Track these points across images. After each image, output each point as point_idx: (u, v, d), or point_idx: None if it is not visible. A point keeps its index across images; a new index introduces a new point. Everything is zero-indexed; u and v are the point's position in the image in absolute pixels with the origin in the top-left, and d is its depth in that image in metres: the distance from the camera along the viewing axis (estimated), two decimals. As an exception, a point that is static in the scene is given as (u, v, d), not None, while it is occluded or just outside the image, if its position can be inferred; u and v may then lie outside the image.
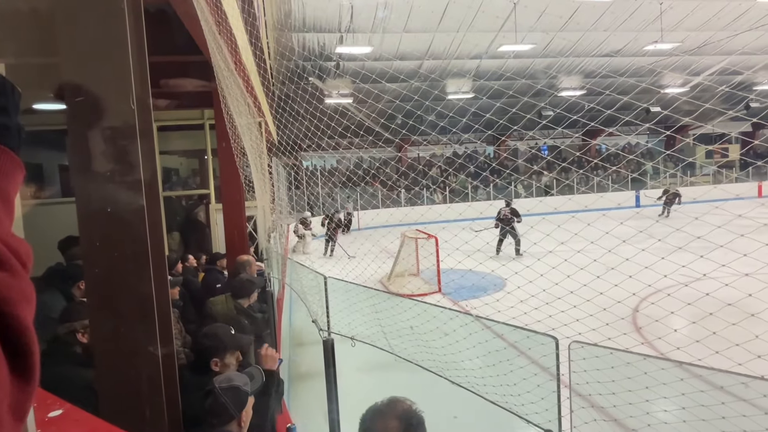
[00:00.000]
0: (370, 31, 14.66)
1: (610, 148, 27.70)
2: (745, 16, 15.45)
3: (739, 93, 21.14)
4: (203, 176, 8.49)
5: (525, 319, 3.31)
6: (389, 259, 11.65)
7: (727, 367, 2.21)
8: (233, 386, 2.05)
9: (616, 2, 13.74)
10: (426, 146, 25.74)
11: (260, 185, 4.89)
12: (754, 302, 2.93)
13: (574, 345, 2.33)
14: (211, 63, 2.93)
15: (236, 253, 5.00)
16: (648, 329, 6.33)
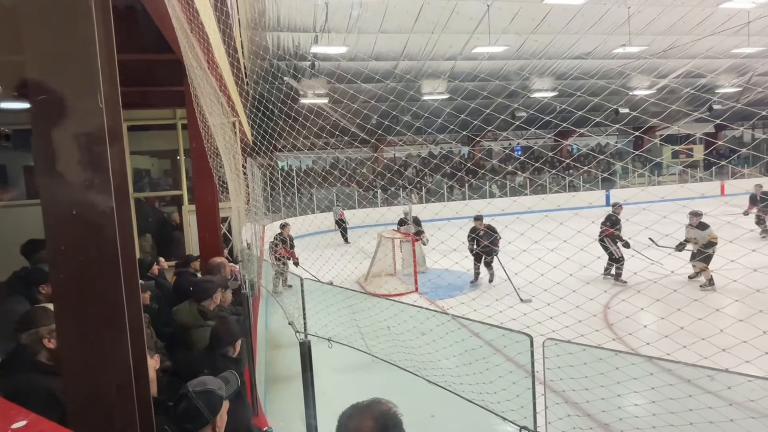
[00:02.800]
0: (345, 31, 14.63)
1: (581, 149, 28.31)
2: (707, 21, 16.00)
3: (702, 95, 21.89)
4: (176, 177, 8.31)
5: (500, 317, 3.35)
6: (366, 259, 11.65)
7: (694, 361, 2.29)
8: (207, 390, 2.02)
9: (586, 6, 14.06)
10: (402, 146, 25.83)
11: (235, 186, 4.82)
12: (719, 297, 3.03)
13: (548, 342, 2.37)
14: (183, 61, 2.87)
15: (210, 255, 4.92)
16: (619, 325, 6.48)
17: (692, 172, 25.37)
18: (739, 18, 15.52)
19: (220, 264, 4.55)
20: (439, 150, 26.57)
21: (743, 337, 2.66)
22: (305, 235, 16.86)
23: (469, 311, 3.73)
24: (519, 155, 27.61)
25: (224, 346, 2.87)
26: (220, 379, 2.17)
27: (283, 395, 5.59)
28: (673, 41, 17.18)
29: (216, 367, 2.60)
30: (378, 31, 14.89)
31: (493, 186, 23.40)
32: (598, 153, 26.18)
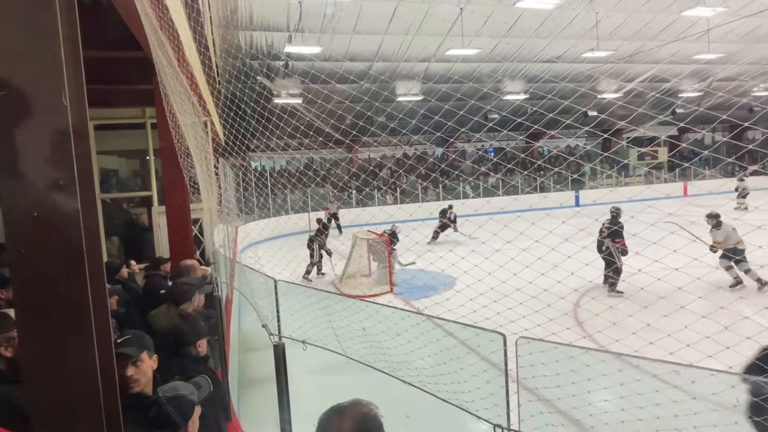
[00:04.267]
0: (319, 31, 14.55)
1: (551, 150, 28.89)
2: (670, 27, 16.56)
3: (667, 99, 22.63)
4: (145, 177, 8.11)
5: (474, 317, 3.38)
6: (341, 260, 11.61)
7: (660, 357, 2.36)
8: (178, 395, 1.97)
9: (557, 11, 14.35)
10: (376, 147, 25.84)
11: (206, 187, 4.73)
12: (683, 295, 3.13)
13: (521, 341, 2.41)
14: (152, 59, 2.80)
15: (180, 258, 4.82)
16: (589, 323, 6.64)
17: (657, 174, 26.19)
18: (700, 25, 16.12)
19: (191, 266, 4.46)
20: (413, 151, 26.70)
21: (706, 333, 2.76)
22: (278, 237, 16.68)
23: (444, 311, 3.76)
24: (492, 157, 27.99)
25: (186, 345, 2.80)
26: (192, 384, 2.13)
27: (257, 399, 5.51)
28: (639, 46, 17.71)
29: (183, 368, 2.54)
30: (352, 32, 14.86)
31: (466, 187, 23.64)
32: (568, 155, 26.77)
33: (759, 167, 24.07)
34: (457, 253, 4.38)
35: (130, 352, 1.99)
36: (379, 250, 10.69)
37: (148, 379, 2.05)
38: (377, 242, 10.68)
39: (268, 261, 10.36)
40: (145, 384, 2.03)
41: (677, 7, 14.68)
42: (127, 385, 1.95)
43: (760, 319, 2.82)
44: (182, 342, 2.79)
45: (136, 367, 2.00)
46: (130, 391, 1.96)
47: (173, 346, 2.81)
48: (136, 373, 1.99)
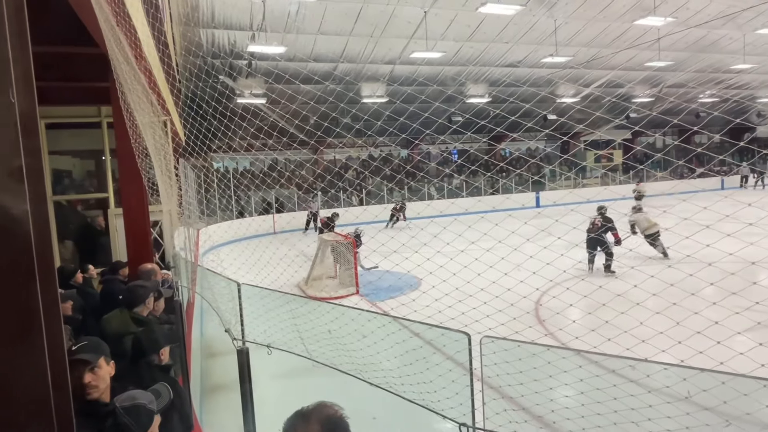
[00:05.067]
0: (283, 31, 14.39)
1: (513, 153, 29.56)
2: (624, 35, 17.25)
3: (622, 103, 23.55)
4: (101, 179, 7.80)
5: (439, 317, 3.42)
6: (306, 262, 11.50)
7: (617, 353, 2.45)
8: (136, 405, 1.91)
9: (518, 16, 14.70)
10: (342, 149, 25.75)
11: (166, 188, 4.59)
12: (639, 292, 3.26)
13: (485, 340, 2.45)
14: (108, 55, 2.70)
15: (139, 262, 4.66)
16: (550, 321, 6.82)
17: (612, 175, 27.20)
18: (651, 34, 16.87)
19: (151, 270, 4.32)
20: (378, 153, 26.77)
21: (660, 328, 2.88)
22: (241, 239, 16.38)
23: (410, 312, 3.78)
24: (456, 159, 28.38)
25: (148, 354, 2.71)
26: (151, 392, 2.06)
27: (221, 405, 5.39)
28: (595, 53, 18.37)
29: (142, 378, 2.46)
30: (317, 32, 14.77)
31: (431, 188, 23.88)
32: (529, 157, 27.44)
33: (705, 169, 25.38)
34: (422, 254, 4.41)
35: (87, 358, 1.93)
36: (344, 252, 10.65)
37: (106, 385, 2.00)
38: (342, 244, 10.63)
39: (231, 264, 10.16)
40: (103, 391, 1.97)
41: (630, 16, 15.31)
42: (84, 392, 1.89)
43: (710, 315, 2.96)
44: (143, 350, 2.70)
45: (94, 374, 1.94)
46: (87, 397, 1.90)
47: (133, 353, 2.71)
48: (94, 379, 1.93)
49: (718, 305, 3.07)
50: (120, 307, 3.46)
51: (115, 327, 3.33)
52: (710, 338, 2.77)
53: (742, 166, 27.34)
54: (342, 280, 10.79)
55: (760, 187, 25.55)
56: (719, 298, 3.14)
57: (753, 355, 2.62)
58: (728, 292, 3.19)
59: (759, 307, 3.06)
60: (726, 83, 24.03)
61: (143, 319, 3.41)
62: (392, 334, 3.35)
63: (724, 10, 15.24)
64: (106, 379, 1.99)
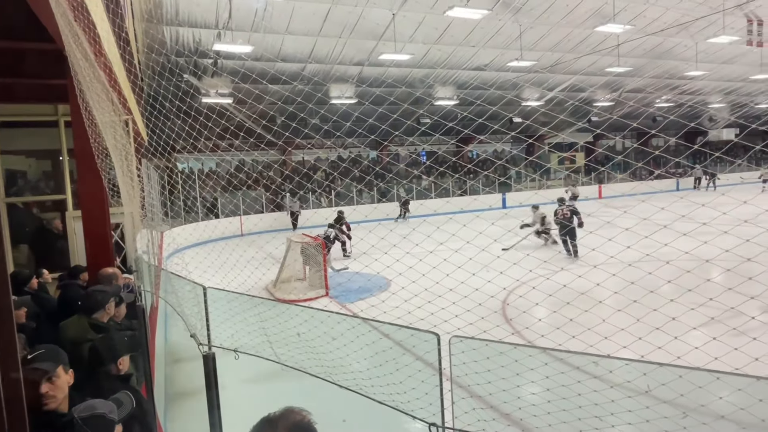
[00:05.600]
0: (250, 30, 14.18)
1: (480, 154, 30.03)
2: (586, 41, 17.79)
3: (584, 107, 24.27)
4: (58, 180, 7.48)
5: (409, 318, 3.44)
6: (274, 265, 11.36)
7: (581, 350, 2.52)
8: (96, 415, 1.84)
9: (484, 20, 14.95)
10: (310, 150, 25.56)
11: (127, 189, 4.45)
12: (601, 291, 3.37)
13: (454, 339, 2.47)
14: (65, 52, 2.59)
15: (99, 266, 4.50)
16: (517, 320, 6.95)
17: (575, 177, 27.99)
18: (611, 40, 17.47)
19: (111, 275, 4.18)
20: (348, 154, 26.69)
21: (621, 325, 2.98)
22: (207, 242, 16.05)
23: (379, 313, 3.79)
24: (424, 160, 28.61)
25: (106, 363, 2.61)
26: (112, 401, 1.99)
27: (186, 412, 5.26)
28: (559, 57, 18.87)
29: (101, 387, 2.37)
30: (285, 32, 14.62)
31: (400, 189, 23.99)
32: (496, 159, 27.93)
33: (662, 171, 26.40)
34: (391, 255, 4.42)
35: (44, 367, 1.85)
36: (313, 254, 10.57)
37: (65, 395, 1.92)
38: (312, 246, 10.55)
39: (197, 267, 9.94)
40: (61, 401, 1.90)
41: (591, 22, 15.80)
42: (41, 402, 1.81)
43: (667, 311, 3.09)
44: (101, 359, 2.60)
45: (52, 383, 1.86)
46: (44, 408, 1.82)
47: (90, 362, 2.61)
48: (52, 389, 1.85)
49: (675, 302, 3.20)
50: (78, 313, 3.33)
51: (73, 334, 3.20)
52: (668, 334, 2.88)
53: (696, 169, 28.62)
54: (311, 282, 10.71)
55: (711, 189, 26.78)
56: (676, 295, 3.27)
57: (707, 349, 2.73)
58: (684, 289, 3.33)
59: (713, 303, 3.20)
60: (680, 89, 25.12)
61: (103, 326, 3.29)
62: (362, 336, 3.34)
63: (678, 18, 15.93)
64: (64, 388, 1.91)
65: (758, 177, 26.37)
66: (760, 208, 2.82)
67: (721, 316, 3.47)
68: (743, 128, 30.10)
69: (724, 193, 19.22)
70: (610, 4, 14.60)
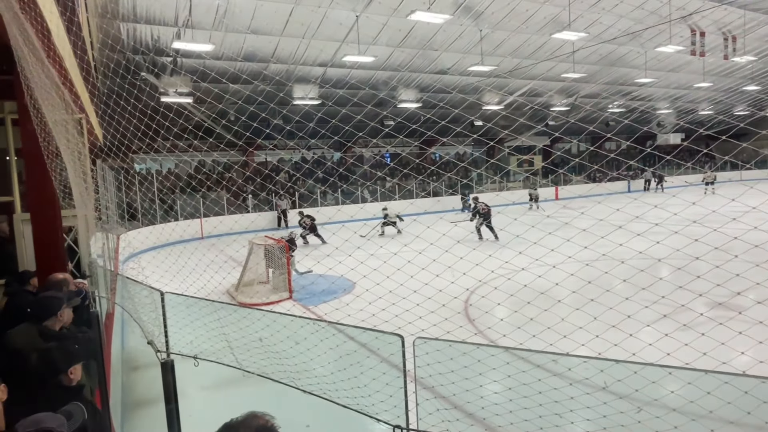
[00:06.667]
0: (211, 28, 13.86)
1: (443, 157, 30.41)
2: (543, 47, 18.33)
3: (542, 110, 24.98)
4: (4, 181, 7.07)
5: (373, 320, 3.44)
6: (236, 268, 11.13)
7: (542, 348, 2.58)
8: (43, 429, 1.74)
9: (446, 25, 15.16)
10: (273, 151, 25.20)
11: (80, 191, 4.26)
12: (560, 290, 3.47)
13: (418, 341, 2.49)
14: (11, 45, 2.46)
15: (49, 271, 4.27)
16: (480, 320, 7.06)
17: (534, 179, 28.76)
18: (567, 47, 18.07)
19: (63, 281, 3.97)
20: (311, 155, 26.48)
21: (579, 324, 3.08)
22: (165, 245, 15.56)
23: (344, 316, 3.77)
24: (388, 162, 28.71)
25: (57, 373, 2.47)
26: (62, 414, 1.89)
27: (144, 422, 5.07)
28: (518, 63, 19.35)
29: (50, 399, 2.25)
30: (247, 31, 14.37)
31: (364, 191, 23.97)
32: (458, 161, 28.36)
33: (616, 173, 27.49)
34: (355, 257, 4.42)
35: None
36: (276, 256, 10.42)
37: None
38: (275, 248, 10.40)
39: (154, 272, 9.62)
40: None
41: (548, 29, 16.29)
42: None
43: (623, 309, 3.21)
44: (51, 369, 2.45)
45: None
46: None
47: (40, 372, 2.47)
48: None
49: (630, 300, 3.33)
50: (27, 321, 3.15)
51: (21, 343, 3.01)
52: (623, 331, 2.99)
53: (647, 171, 29.94)
54: (275, 285, 10.55)
55: (660, 190, 28.07)
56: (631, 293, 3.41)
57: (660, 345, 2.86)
58: (638, 288, 3.47)
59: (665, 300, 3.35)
60: (631, 95, 26.23)
61: (54, 334, 3.13)
62: (326, 339, 3.32)
63: (630, 27, 16.64)
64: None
65: (701, 180, 27.86)
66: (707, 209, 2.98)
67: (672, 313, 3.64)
68: (689, 133, 31.74)
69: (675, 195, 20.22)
70: (567, 12, 15.10)
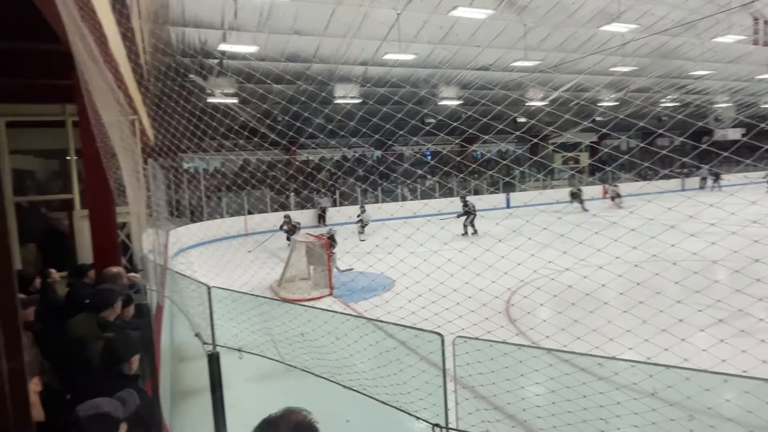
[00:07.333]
0: (255, 30, 14.21)
1: (485, 154, 29.96)
2: (590, 41, 17.71)
3: (589, 106, 24.17)
4: (65, 179, 7.52)
5: (413, 318, 3.43)
6: (279, 264, 11.38)
7: (586, 351, 2.50)
8: (101, 413, 1.84)
9: (488, 20, 14.91)
10: (315, 149, 25.58)
11: (133, 189, 4.47)
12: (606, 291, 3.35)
13: (458, 340, 2.47)
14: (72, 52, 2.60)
15: (105, 265, 4.51)
16: (521, 321, 6.93)
17: (580, 177, 27.88)
18: (616, 40, 17.38)
19: (117, 274, 4.18)
20: (352, 153, 26.70)
21: (627, 327, 2.96)
22: (212, 241, 16.09)
23: (383, 313, 3.79)
24: (429, 160, 28.56)
25: (118, 362, 2.62)
26: (116, 399, 1.99)
27: (191, 411, 5.27)
28: (563, 57, 18.79)
29: (111, 387, 2.38)
30: (290, 32, 14.64)
31: (404, 189, 23.95)
32: (500, 159, 27.88)
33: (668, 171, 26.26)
34: (396, 255, 4.42)
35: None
36: (317, 254, 10.58)
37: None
38: (316, 245, 10.56)
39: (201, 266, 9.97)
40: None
41: (596, 22, 15.72)
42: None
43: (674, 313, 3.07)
44: (114, 358, 2.60)
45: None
46: None
47: (102, 361, 2.62)
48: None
49: (682, 303, 3.18)
50: (86, 311, 3.34)
51: (81, 332, 3.21)
52: (675, 335, 2.86)
53: (703, 168, 28.43)
54: (316, 281, 10.72)
55: (717, 189, 26.60)
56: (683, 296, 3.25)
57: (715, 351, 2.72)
58: (692, 291, 3.31)
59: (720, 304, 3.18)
60: (686, 88, 24.96)
61: (110, 324, 3.30)
62: (366, 336, 3.34)
63: (684, 17, 15.83)
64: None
65: (763, 177, 26.16)
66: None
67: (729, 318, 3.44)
68: (750, 128, 29.89)
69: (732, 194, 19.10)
70: (616, 3, 14.53)
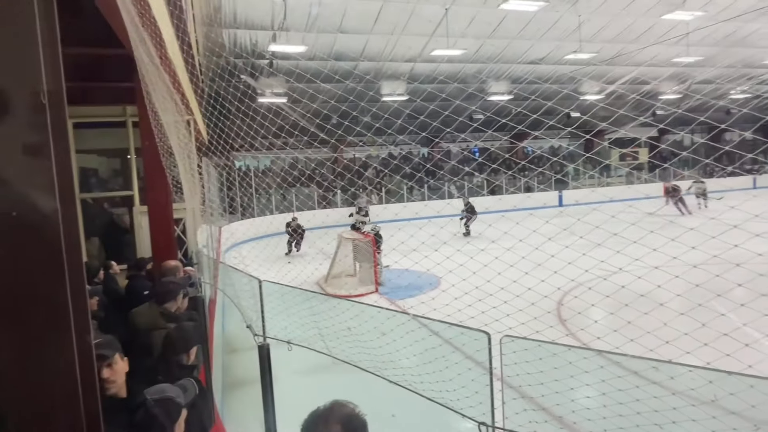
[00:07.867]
0: (304, 30, 14.49)
1: (535, 151, 29.18)
2: (651, 30, 16.85)
3: (647, 101, 23.02)
4: (126, 177, 7.98)
5: (459, 316, 3.40)
6: (326, 260, 11.57)
7: (640, 353, 2.40)
8: (166, 398, 1.95)
9: (540, 13, 14.51)
10: (362, 147, 25.81)
11: (189, 186, 4.68)
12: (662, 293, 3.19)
13: (505, 339, 2.43)
14: (134, 56, 2.76)
15: (163, 258, 4.75)
16: (572, 321, 6.72)
17: (638, 174, 26.63)
18: (679, 29, 16.44)
19: (175, 267, 4.40)
20: (398, 151, 26.74)
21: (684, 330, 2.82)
22: (263, 237, 16.57)
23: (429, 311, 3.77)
24: (477, 157, 28.16)
25: (179, 353, 2.76)
26: (179, 387, 2.11)
27: (241, 401, 5.47)
28: (620, 49, 17.99)
29: (170, 375, 2.51)
30: (337, 31, 14.83)
31: (451, 187, 23.75)
32: (552, 155, 27.07)
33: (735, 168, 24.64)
34: (442, 252, 4.40)
35: (104, 353, 1.96)
36: (364, 250, 10.69)
37: (122, 381, 2.02)
38: (362, 242, 10.67)
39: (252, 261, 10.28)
40: (120, 386, 2.00)
41: (657, 10, 14.94)
42: (102, 387, 1.93)
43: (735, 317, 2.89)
44: (175, 348, 2.74)
45: (111, 369, 1.97)
46: (105, 393, 1.94)
47: (165, 350, 2.77)
48: (112, 374, 1.97)
49: (746, 307, 2.99)
50: (149, 302, 3.54)
51: (145, 321, 3.41)
52: (738, 340, 2.69)
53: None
54: (361, 278, 10.83)
55: (791, 186, 24.68)
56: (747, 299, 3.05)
57: (783, 358, 2.54)
58: (757, 294, 3.10)
59: (790, 309, 2.97)
60: (758, 79, 23.28)
61: (173, 316, 3.49)
62: (411, 333, 3.35)
63: (755, 3, 14.76)
64: (122, 374, 2.02)
65: None
66: None
67: (800, 324, 3.20)
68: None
69: (806, 191, 17.66)
70: (678, -10, 13.78)
